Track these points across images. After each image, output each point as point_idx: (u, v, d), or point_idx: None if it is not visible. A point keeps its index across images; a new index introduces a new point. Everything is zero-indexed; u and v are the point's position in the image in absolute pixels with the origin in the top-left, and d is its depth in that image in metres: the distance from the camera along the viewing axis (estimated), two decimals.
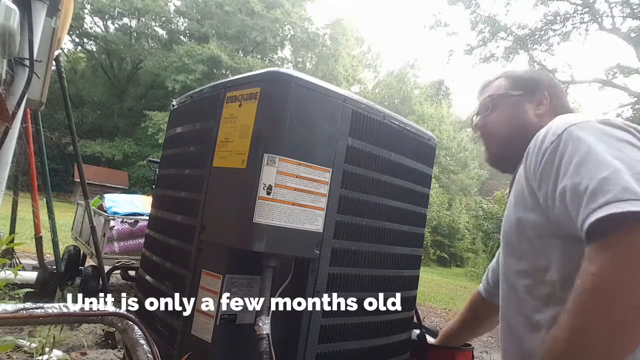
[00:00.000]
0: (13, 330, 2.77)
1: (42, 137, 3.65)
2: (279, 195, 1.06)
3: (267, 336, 1.00)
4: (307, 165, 1.10)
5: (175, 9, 32.62)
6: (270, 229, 1.04)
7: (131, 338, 0.83)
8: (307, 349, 1.10)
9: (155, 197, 1.69)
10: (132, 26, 32.03)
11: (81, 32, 30.86)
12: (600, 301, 0.61)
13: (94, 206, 4.57)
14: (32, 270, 4.04)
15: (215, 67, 27.49)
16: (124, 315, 0.84)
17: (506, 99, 1.10)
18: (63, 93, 3.33)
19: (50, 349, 2.52)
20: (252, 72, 1.20)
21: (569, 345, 0.64)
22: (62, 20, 2.03)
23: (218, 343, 1.06)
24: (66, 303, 0.79)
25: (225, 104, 1.20)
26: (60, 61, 3.28)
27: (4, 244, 2.20)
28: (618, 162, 0.67)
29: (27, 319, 0.74)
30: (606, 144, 0.72)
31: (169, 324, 1.23)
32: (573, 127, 0.78)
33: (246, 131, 1.10)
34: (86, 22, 30.73)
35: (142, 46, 31.46)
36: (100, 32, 32.12)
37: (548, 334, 0.73)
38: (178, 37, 32.43)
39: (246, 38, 30.07)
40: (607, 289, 0.61)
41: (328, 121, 1.13)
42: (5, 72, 1.65)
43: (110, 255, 4.13)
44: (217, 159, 1.18)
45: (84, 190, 3.67)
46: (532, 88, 1.09)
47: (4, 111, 1.62)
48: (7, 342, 2.01)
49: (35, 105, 2.04)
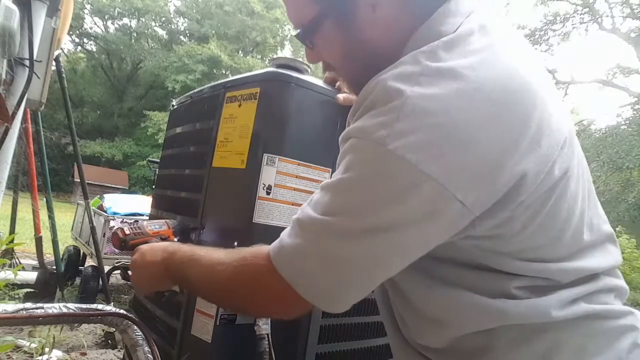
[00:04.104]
0: (13, 330, 2.77)
1: (42, 137, 3.65)
2: (278, 196, 1.06)
3: (267, 336, 1.00)
4: (306, 165, 1.10)
5: (175, 9, 32.67)
6: (270, 229, 1.04)
7: (131, 338, 0.84)
8: (307, 349, 1.10)
9: (155, 197, 1.69)
10: (132, 26, 32.04)
11: (81, 32, 30.87)
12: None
13: (94, 206, 4.56)
14: (32, 270, 4.04)
15: (215, 67, 27.48)
16: (124, 315, 0.84)
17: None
18: (63, 93, 3.33)
19: (50, 349, 2.52)
20: (251, 72, 1.20)
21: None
22: (62, 20, 2.03)
23: (218, 343, 1.06)
24: (66, 303, 0.79)
25: (225, 104, 1.20)
26: (60, 61, 3.28)
27: (4, 244, 2.20)
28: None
29: (27, 319, 0.75)
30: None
31: (168, 324, 1.23)
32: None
33: (246, 131, 1.10)
34: (86, 22, 30.78)
35: (142, 46, 31.45)
36: (100, 32, 32.14)
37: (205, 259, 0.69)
38: (178, 37, 32.44)
39: (246, 38, 30.08)
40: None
41: (327, 121, 1.13)
42: (5, 72, 1.65)
43: (110, 255, 4.13)
44: (217, 159, 1.18)
45: (84, 190, 3.67)
46: None
47: (4, 111, 1.62)
48: (7, 342, 2.01)
49: (35, 105, 2.04)
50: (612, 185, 13.62)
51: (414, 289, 0.64)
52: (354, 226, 0.52)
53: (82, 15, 28.94)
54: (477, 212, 0.51)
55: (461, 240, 0.56)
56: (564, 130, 0.56)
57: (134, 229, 0.97)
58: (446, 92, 0.50)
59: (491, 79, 0.51)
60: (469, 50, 0.54)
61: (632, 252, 13.22)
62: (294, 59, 1.18)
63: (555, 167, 0.54)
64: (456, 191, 0.49)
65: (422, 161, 0.48)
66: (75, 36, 30.41)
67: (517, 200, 0.52)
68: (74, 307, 0.79)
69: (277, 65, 1.17)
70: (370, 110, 0.54)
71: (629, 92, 16.17)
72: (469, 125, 0.49)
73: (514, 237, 0.55)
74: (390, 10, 0.61)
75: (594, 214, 0.63)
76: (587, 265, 0.60)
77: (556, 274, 0.58)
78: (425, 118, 0.49)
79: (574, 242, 0.59)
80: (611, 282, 0.63)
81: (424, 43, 0.56)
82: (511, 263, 0.57)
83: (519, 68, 0.54)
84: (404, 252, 0.53)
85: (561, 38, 17.08)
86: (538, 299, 0.56)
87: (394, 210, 0.50)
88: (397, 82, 0.52)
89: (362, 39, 0.64)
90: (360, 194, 0.52)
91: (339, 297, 0.56)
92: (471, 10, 0.59)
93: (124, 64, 32.95)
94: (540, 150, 0.52)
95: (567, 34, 16.83)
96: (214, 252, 0.68)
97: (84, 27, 30.81)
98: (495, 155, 0.50)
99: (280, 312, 0.63)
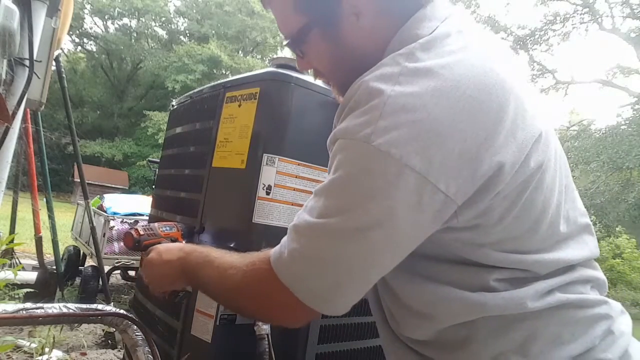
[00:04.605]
0: (13, 330, 2.77)
1: (42, 137, 3.65)
2: (278, 196, 1.06)
3: (267, 336, 1.00)
4: (306, 165, 1.10)
5: (175, 9, 32.64)
6: (270, 229, 1.04)
7: (131, 338, 0.84)
8: (307, 349, 1.10)
9: (154, 197, 1.69)
10: (132, 26, 32.04)
11: (81, 32, 30.87)
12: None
13: (94, 206, 4.57)
14: (32, 270, 4.04)
15: (215, 67, 27.48)
16: (124, 315, 0.84)
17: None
18: (63, 93, 3.33)
19: (50, 349, 2.52)
20: (251, 72, 1.20)
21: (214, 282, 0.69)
22: (62, 20, 2.03)
23: (218, 343, 1.06)
24: (66, 303, 0.79)
25: (225, 104, 1.20)
26: (60, 61, 3.28)
27: (4, 244, 2.20)
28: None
29: (27, 319, 0.75)
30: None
31: (168, 324, 1.23)
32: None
33: (245, 131, 1.10)
34: (86, 22, 30.78)
35: (142, 46, 31.45)
36: (100, 32, 32.15)
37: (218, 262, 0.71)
38: (178, 37, 32.44)
39: (246, 38, 30.08)
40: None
41: (327, 121, 1.13)
42: (5, 72, 1.65)
43: (110, 255, 4.13)
44: (217, 159, 1.18)
45: (84, 191, 3.67)
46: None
47: (4, 111, 1.62)
48: (7, 342, 2.02)
49: (35, 105, 2.04)
50: (612, 185, 13.62)
51: (399, 285, 0.67)
52: (346, 225, 0.54)
53: (82, 15, 28.95)
54: (459, 202, 0.54)
55: (443, 234, 0.58)
56: (538, 125, 0.59)
57: (147, 230, 0.99)
58: (424, 90, 0.53)
59: (467, 77, 0.54)
60: (445, 50, 0.57)
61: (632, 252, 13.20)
62: (294, 59, 1.18)
63: (530, 160, 0.57)
64: (438, 182, 0.52)
65: (405, 155, 0.51)
66: (75, 36, 30.43)
67: (495, 190, 0.55)
68: (74, 307, 0.79)
69: (277, 65, 1.17)
70: (354, 110, 0.57)
71: (629, 92, 16.18)
72: (447, 119, 0.52)
73: (492, 227, 0.58)
74: (372, 17, 0.65)
75: (570, 207, 0.66)
76: (564, 256, 0.63)
77: (533, 265, 0.61)
78: (406, 115, 0.52)
79: (551, 234, 0.62)
80: (587, 273, 0.65)
81: (402, 46, 0.60)
82: (490, 255, 0.60)
83: (494, 67, 0.57)
84: (396, 247, 0.56)
85: (561, 38, 17.08)
86: (514, 291, 0.59)
87: (382, 205, 0.52)
88: (378, 83, 0.55)
89: (348, 46, 0.67)
90: (350, 192, 0.55)
91: (338, 299, 0.58)
92: (448, 15, 0.64)
93: (124, 64, 32.95)
94: (515, 143, 0.55)
95: (567, 34, 16.82)
96: (228, 255, 0.70)
97: (84, 27, 30.82)
98: (474, 147, 0.53)
99: (284, 318, 0.64)
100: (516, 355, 0.59)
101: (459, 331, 0.62)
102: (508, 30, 17.56)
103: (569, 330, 0.60)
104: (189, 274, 0.75)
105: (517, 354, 0.59)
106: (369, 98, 0.55)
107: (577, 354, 0.59)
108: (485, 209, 0.56)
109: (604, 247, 14.90)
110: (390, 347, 0.74)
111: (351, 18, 0.65)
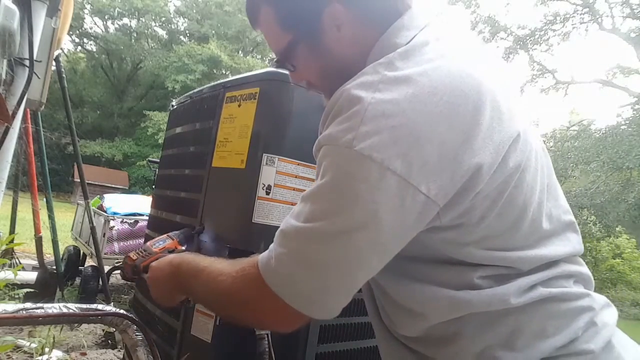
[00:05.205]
0: (13, 330, 2.77)
1: (42, 137, 3.66)
2: (278, 196, 1.06)
3: (266, 336, 1.00)
4: (306, 165, 1.10)
5: (175, 9, 32.65)
6: (269, 229, 1.04)
7: (131, 338, 0.84)
8: (307, 349, 1.10)
9: (154, 197, 1.69)
10: (132, 26, 32.04)
11: (81, 32, 30.88)
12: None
13: (94, 206, 4.57)
14: (32, 270, 4.04)
15: (215, 67, 27.48)
16: (124, 315, 0.84)
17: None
18: (63, 93, 3.33)
19: (50, 349, 2.52)
20: (251, 72, 1.20)
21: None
22: (62, 20, 2.03)
23: (218, 343, 1.06)
24: (66, 303, 0.79)
25: (225, 104, 1.20)
26: (60, 61, 3.28)
27: (4, 244, 2.20)
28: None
29: (27, 319, 0.75)
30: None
31: (168, 324, 1.23)
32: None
33: (245, 131, 1.10)
34: (86, 22, 30.79)
35: (142, 46, 31.46)
36: (100, 32, 32.17)
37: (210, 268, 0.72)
38: (178, 37, 32.44)
39: (246, 38, 30.08)
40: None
41: None
42: (5, 72, 1.65)
43: (110, 255, 4.13)
44: (217, 159, 1.18)
45: (84, 191, 3.67)
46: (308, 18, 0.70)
47: (4, 111, 1.62)
48: (7, 342, 2.02)
49: (35, 105, 2.05)
50: (612, 185, 13.61)
51: (389, 285, 0.69)
52: (331, 229, 0.55)
53: (82, 15, 28.95)
54: (440, 203, 0.56)
55: (427, 234, 0.60)
56: (516, 126, 0.61)
57: (140, 253, 0.99)
58: (403, 97, 0.55)
59: (444, 83, 0.57)
60: (424, 59, 0.60)
61: (632, 252, 13.18)
62: None
63: (508, 160, 0.58)
64: (420, 185, 0.54)
65: (387, 159, 0.53)
66: (75, 36, 30.45)
67: (475, 191, 0.57)
68: (74, 307, 0.79)
69: (277, 65, 1.17)
70: (336, 117, 0.59)
71: (629, 92, 16.18)
72: (426, 124, 0.54)
73: (475, 226, 0.60)
74: (352, 28, 0.69)
75: (553, 205, 0.68)
76: (547, 253, 0.64)
77: (516, 262, 0.62)
78: (386, 120, 0.54)
79: (533, 231, 0.64)
80: (570, 268, 0.67)
81: (382, 54, 0.63)
82: (474, 253, 0.62)
83: (471, 72, 0.60)
84: (381, 249, 0.57)
85: (561, 38, 17.08)
86: (498, 288, 0.61)
87: (366, 208, 0.54)
88: (359, 90, 0.57)
89: (334, 56, 0.71)
90: (334, 196, 0.56)
91: (326, 302, 0.59)
92: (426, 23, 0.67)
93: (124, 64, 32.96)
94: (492, 144, 0.57)
95: (567, 34, 16.82)
96: (217, 262, 0.71)
97: (84, 27, 30.83)
98: (452, 150, 0.55)
99: (274, 323, 0.65)
100: (502, 349, 0.61)
101: (448, 327, 0.64)
102: (508, 30, 17.57)
103: (552, 323, 0.62)
104: (182, 285, 0.76)
105: (504, 348, 0.61)
106: (351, 105, 0.57)
107: (561, 345, 0.61)
108: (467, 209, 0.58)
109: (604, 247, 14.90)
110: (384, 343, 0.76)
111: (332, 30, 0.69)
